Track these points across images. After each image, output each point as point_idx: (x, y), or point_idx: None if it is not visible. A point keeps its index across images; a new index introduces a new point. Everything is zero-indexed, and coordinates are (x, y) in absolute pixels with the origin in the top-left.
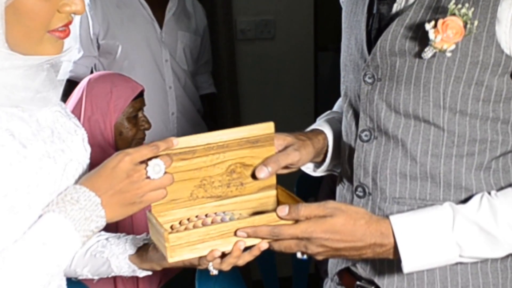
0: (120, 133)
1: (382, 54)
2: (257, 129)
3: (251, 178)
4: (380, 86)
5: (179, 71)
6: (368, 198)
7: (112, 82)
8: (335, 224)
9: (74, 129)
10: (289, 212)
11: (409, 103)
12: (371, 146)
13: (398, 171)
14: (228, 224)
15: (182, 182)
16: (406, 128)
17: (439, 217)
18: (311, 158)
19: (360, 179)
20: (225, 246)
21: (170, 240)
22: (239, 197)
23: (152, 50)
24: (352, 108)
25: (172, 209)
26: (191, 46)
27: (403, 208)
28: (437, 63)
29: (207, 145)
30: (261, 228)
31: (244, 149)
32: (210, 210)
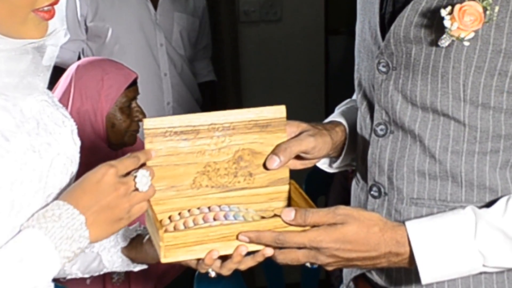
0: (113, 125)
1: (396, 40)
2: (267, 112)
3: (262, 168)
4: (395, 75)
5: (175, 56)
6: (384, 199)
7: (103, 69)
8: (346, 233)
9: (62, 120)
10: (295, 217)
11: (426, 95)
12: (387, 142)
13: (416, 169)
14: (230, 227)
15: (183, 167)
16: (424, 122)
17: (460, 223)
18: (328, 150)
19: (375, 177)
20: (225, 250)
21: (165, 240)
22: (247, 190)
23: (146, 33)
24: (367, 99)
25: (172, 197)
26: (188, 29)
27: (421, 210)
28: (455, 51)
29: (211, 125)
30: (265, 234)
31: (252, 134)
32: (214, 202)
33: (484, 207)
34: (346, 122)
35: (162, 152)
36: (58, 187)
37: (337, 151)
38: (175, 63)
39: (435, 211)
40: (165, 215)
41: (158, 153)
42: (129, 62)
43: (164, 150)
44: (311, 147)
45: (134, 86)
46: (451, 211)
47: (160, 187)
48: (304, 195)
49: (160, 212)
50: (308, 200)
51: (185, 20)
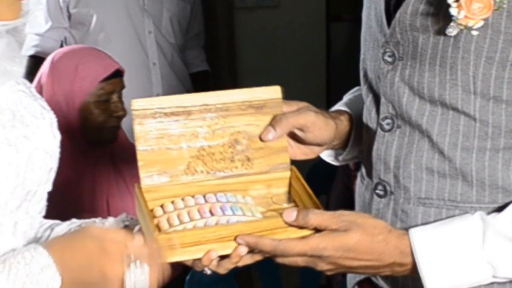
0: (86, 119)
1: (402, 29)
2: (261, 92)
3: (260, 153)
4: (401, 66)
5: (165, 44)
6: (390, 198)
7: (80, 58)
8: (349, 241)
9: (40, 112)
10: (297, 218)
11: (434, 87)
12: (393, 137)
13: (424, 166)
14: (228, 227)
15: (176, 151)
16: (432, 117)
17: (467, 231)
18: (331, 135)
19: (380, 175)
20: (223, 250)
21: (160, 242)
22: (245, 176)
23: (133, 20)
24: (373, 91)
25: (164, 184)
26: (179, 15)
27: (429, 211)
28: (464, 41)
29: (203, 106)
30: (264, 242)
31: (247, 115)
32: (210, 189)
33: (495, 211)
34: (352, 111)
35: (152, 134)
36: (37, 184)
37: (342, 142)
38: (165, 52)
39: (444, 212)
40: (157, 203)
41: (148, 135)
42: (115, 51)
43: (154, 132)
44: (310, 122)
45: (116, 79)
46: (459, 217)
47: (151, 173)
48: (305, 184)
49: (151, 200)
50: (308, 190)
51: (176, 6)
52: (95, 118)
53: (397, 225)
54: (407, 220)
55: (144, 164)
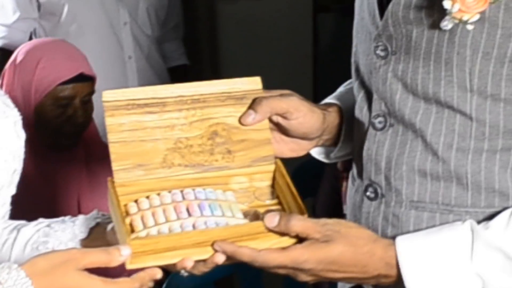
0: (41, 121)
1: (395, 21)
2: (241, 83)
3: (241, 145)
4: (394, 61)
5: (142, 37)
6: (381, 201)
7: (44, 55)
8: (331, 253)
9: (3, 110)
10: (279, 224)
11: (428, 84)
12: (385, 136)
13: (416, 168)
14: (205, 233)
15: (151, 142)
16: (426, 115)
17: (455, 242)
18: (319, 126)
19: (371, 176)
20: (200, 255)
21: (132, 248)
22: (226, 170)
23: (107, 10)
24: (364, 87)
25: (140, 177)
26: (156, 6)
27: (422, 215)
28: (460, 35)
29: (179, 97)
30: (243, 251)
31: (226, 106)
32: (188, 183)
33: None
34: (342, 103)
35: (125, 126)
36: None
37: (333, 137)
38: (141, 44)
39: (438, 216)
40: (131, 197)
41: (121, 127)
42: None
43: (127, 125)
44: (294, 107)
45: (81, 83)
46: (448, 225)
47: (125, 166)
48: (290, 183)
49: (125, 194)
50: (293, 190)
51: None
52: (49, 122)
53: (388, 230)
54: (399, 225)
55: (116, 157)
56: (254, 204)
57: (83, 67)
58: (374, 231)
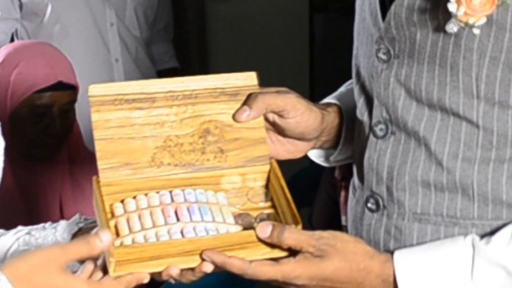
0: (15, 129)
1: (397, 23)
2: (235, 79)
3: (235, 144)
4: (397, 65)
5: (129, 38)
6: (382, 213)
7: (22, 59)
8: (325, 269)
9: None
10: (271, 235)
11: (433, 90)
12: (386, 144)
13: (419, 178)
14: (193, 242)
15: (139, 140)
16: (430, 123)
17: (455, 258)
18: (317, 125)
19: (372, 187)
20: (187, 264)
21: (116, 256)
22: (218, 170)
23: (93, 10)
24: (365, 92)
25: (127, 176)
26: (145, 6)
27: (426, 228)
28: (466, 39)
29: (169, 93)
30: (232, 262)
31: (219, 103)
32: (178, 183)
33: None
34: (342, 104)
35: (112, 123)
36: None
37: (332, 139)
38: (129, 46)
39: (442, 229)
40: (117, 197)
41: (107, 124)
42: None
43: (114, 121)
44: (291, 105)
45: (60, 92)
46: (449, 240)
47: (112, 165)
48: (284, 188)
49: (111, 194)
50: (287, 196)
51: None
52: (25, 131)
53: (390, 243)
54: (401, 238)
55: (102, 155)
56: (246, 206)
57: (62, 75)
58: (376, 244)
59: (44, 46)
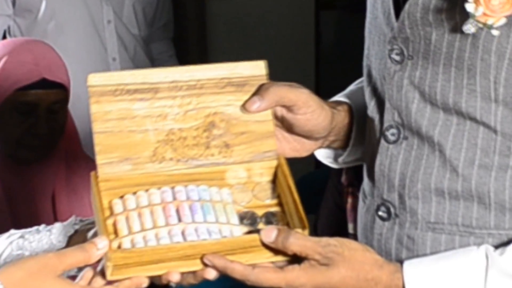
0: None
1: (412, 22)
2: (242, 68)
3: (241, 138)
4: (411, 66)
5: (127, 36)
6: (394, 222)
7: (8, 55)
8: (331, 278)
9: None
10: (276, 240)
11: (449, 93)
12: (398, 150)
13: (433, 186)
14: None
15: (140, 133)
16: (446, 127)
17: (468, 269)
18: (326, 124)
19: (383, 194)
20: (188, 267)
21: (113, 260)
22: (222, 166)
23: (89, 7)
24: (376, 95)
25: (127, 172)
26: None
27: (440, 237)
28: (485, 39)
29: (174, 83)
30: (234, 267)
31: (226, 94)
32: (180, 179)
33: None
34: (353, 103)
35: (111, 115)
36: None
37: (342, 139)
38: (127, 45)
39: (457, 239)
40: (116, 192)
41: (107, 116)
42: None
43: (114, 113)
44: (302, 101)
45: (49, 90)
46: (462, 250)
47: (111, 160)
48: (292, 187)
49: (110, 189)
50: (295, 197)
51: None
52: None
53: (403, 253)
54: (414, 248)
55: (101, 149)
56: (251, 203)
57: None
58: (387, 254)
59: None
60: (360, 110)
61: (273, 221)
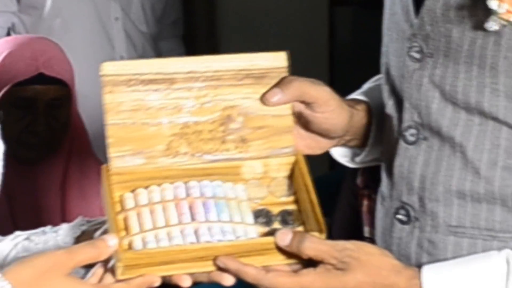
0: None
1: (432, 19)
2: (262, 59)
3: (258, 133)
4: (431, 64)
5: (135, 34)
6: (414, 225)
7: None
8: (347, 283)
9: None
10: (291, 243)
11: (470, 92)
12: (418, 151)
13: (454, 188)
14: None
15: (154, 126)
16: (467, 128)
17: (488, 275)
18: (344, 123)
19: (402, 197)
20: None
21: (123, 261)
22: (238, 161)
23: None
24: (395, 94)
25: (140, 165)
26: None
27: (462, 242)
28: (508, 37)
29: (191, 73)
30: (247, 271)
31: (244, 87)
32: (194, 173)
33: None
34: (372, 101)
35: (125, 106)
36: None
37: (359, 139)
38: (135, 42)
39: (480, 243)
40: (128, 185)
41: (120, 107)
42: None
43: (128, 104)
44: (323, 99)
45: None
46: (482, 255)
47: (123, 153)
48: (309, 184)
49: (121, 182)
50: (312, 195)
51: None
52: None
53: (423, 258)
54: (435, 253)
55: (114, 141)
56: (267, 200)
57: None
58: (407, 259)
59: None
60: (378, 109)
61: (289, 220)
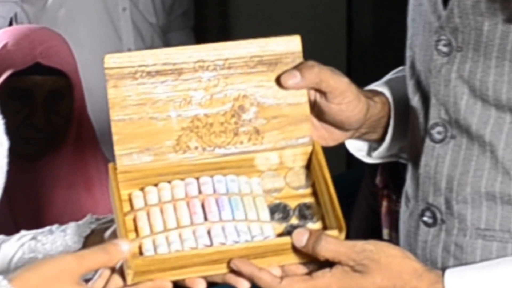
0: None
1: (462, 11)
2: (275, 44)
3: (272, 123)
4: (460, 59)
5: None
6: (440, 228)
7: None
8: (364, 287)
9: None
10: (307, 244)
11: (502, 88)
12: (445, 150)
13: (483, 189)
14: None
15: (162, 121)
16: (498, 126)
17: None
18: (360, 115)
19: (428, 198)
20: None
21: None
22: (252, 154)
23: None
24: (421, 89)
25: (149, 163)
26: None
27: (491, 245)
28: None
29: (199, 63)
30: (261, 276)
31: (256, 75)
32: (206, 169)
33: None
34: (392, 93)
35: (131, 100)
36: None
37: (373, 131)
38: (143, 34)
39: (510, 246)
40: (137, 183)
41: (126, 101)
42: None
43: (134, 98)
44: (340, 90)
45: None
46: (508, 259)
47: (131, 150)
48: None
49: (130, 180)
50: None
51: None
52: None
53: (450, 262)
54: (462, 257)
55: (120, 138)
56: (284, 193)
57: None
58: (433, 263)
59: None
60: (399, 102)
61: (307, 214)
